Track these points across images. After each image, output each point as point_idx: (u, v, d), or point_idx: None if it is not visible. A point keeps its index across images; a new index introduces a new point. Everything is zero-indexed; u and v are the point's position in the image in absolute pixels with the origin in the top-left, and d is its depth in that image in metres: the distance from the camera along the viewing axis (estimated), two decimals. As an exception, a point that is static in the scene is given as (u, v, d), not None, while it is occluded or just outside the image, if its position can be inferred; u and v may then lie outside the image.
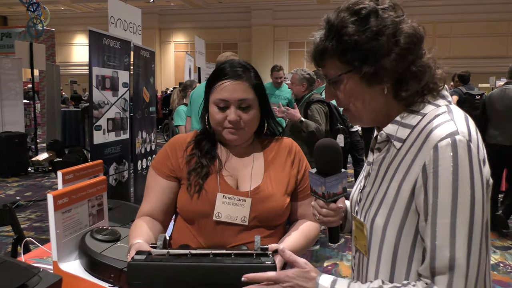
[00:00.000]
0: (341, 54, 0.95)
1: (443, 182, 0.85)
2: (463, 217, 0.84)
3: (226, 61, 1.39)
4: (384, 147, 1.02)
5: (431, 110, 0.95)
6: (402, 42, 0.92)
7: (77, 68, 21.93)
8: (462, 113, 0.94)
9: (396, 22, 0.93)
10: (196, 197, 1.31)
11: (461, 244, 0.84)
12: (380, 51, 0.92)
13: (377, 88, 0.96)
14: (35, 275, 1.51)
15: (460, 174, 0.84)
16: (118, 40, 4.40)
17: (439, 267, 0.85)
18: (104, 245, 1.74)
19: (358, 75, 0.95)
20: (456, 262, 0.84)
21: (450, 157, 0.85)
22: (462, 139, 0.86)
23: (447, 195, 0.85)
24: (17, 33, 11.12)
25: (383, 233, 0.96)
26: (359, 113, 1.01)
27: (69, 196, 1.75)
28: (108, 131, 4.27)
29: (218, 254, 1.05)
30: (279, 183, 1.36)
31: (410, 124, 0.96)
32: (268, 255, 1.05)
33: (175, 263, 1.02)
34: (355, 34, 0.93)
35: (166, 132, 12.34)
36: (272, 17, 20.99)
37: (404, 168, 0.93)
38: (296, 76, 4.14)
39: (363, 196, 1.06)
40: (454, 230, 0.84)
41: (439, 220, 0.86)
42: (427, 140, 0.90)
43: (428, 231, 0.88)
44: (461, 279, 0.84)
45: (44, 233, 4.64)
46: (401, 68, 0.93)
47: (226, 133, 1.33)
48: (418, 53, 0.94)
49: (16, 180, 7.49)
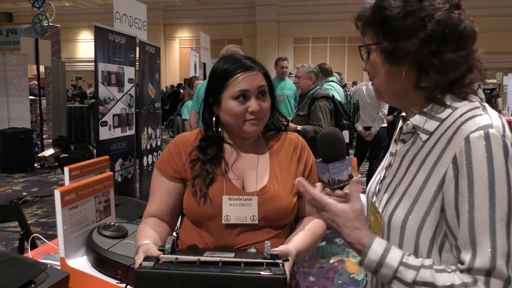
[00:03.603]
0: (374, 25, 0.97)
1: (478, 175, 0.83)
2: (502, 212, 0.82)
3: (228, 57, 1.36)
4: (409, 139, 1.00)
5: (463, 104, 0.93)
6: (429, 28, 0.90)
7: (83, 64, 21.99)
8: (495, 111, 0.92)
9: (435, 8, 0.91)
10: (202, 202, 1.29)
11: (501, 243, 0.81)
12: (404, 31, 0.91)
13: (396, 69, 0.95)
14: (43, 271, 1.50)
15: (496, 167, 0.82)
16: (123, 35, 4.39)
17: (479, 266, 0.82)
18: (112, 242, 1.73)
19: (380, 50, 0.96)
20: (497, 263, 0.81)
21: (484, 149, 0.83)
22: (495, 133, 0.84)
23: (483, 188, 0.82)
24: (22, 29, 11.17)
25: (402, 225, 0.93)
26: (379, 89, 1.02)
27: (76, 192, 1.75)
28: (113, 127, 4.27)
29: (227, 263, 1.03)
30: (285, 182, 1.34)
31: (439, 117, 0.93)
32: (278, 264, 1.03)
33: (183, 271, 1.01)
34: (389, 9, 0.93)
35: (171, 128, 12.35)
36: (277, 13, 20.91)
37: (432, 161, 0.91)
38: (303, 69, 4.08)
39: (382, 187, 1.04)
40: (493, 225, 0.81)
41: (476, 215, 0.83)
42: (457, 132, 0.88)
43: (464, 226, 0.84)
44: (500, 280, 0.81)
45: (50, 228, 4.66)
46: (422, 55, 0.91)
47: (248, 126, 1.31)
48: (447, 46, 0.91)
49: (22, 176, 7.52)
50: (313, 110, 3.86)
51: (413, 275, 0.86)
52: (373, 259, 0.90)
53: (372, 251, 0.91)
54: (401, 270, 0.87)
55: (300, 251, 1.23)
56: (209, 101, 1.37)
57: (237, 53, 2.71)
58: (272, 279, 0.98)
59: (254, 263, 1.03)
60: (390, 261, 0.89)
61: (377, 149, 5.30)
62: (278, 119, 1.44)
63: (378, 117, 5.18)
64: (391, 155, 1.07)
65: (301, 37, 20.90)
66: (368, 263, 0.91)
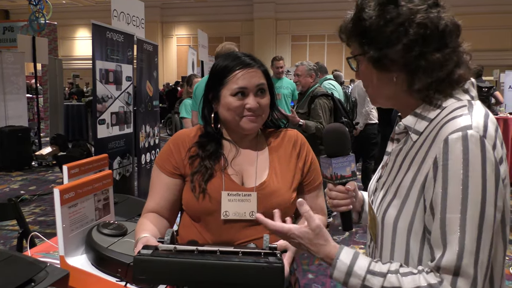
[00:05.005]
0: (357, 36, 0.98)
1: (452, 177, 0.83)
2: (473, 213, 0.82)
3: (228, 54, 1.37)
4: (403, 139, 1.01)
5: (451, 103, 0.93)
6: (411, 33, 0.90)
7: (80, 62, 21.92)
8: (483, 109, 0.92)
9: (412, 12, 0.91)
10: (201, 197, 1.29)
11: (470, 243, 0.82)
12: (386, 39, 0.92)
13: (387, 75, 0.96)
14: (42, 269, 1.50)
15: (471, 170, 0.82)
16: (121, 33, 4.38)
17: (446, 264, 0.83)
18: (111, 240, 1.73)
19: (367, 59, 0.97)
20: (463, 262, 0.82)
21: (460, 151, 0.83)
22: (474, 134, 0.84)
23: (456, 190, 0.83)
24: (19, 27, 11.10)
25: (394, 224, 0.95)
26: (373, 95, 1.04)
27: (76, 190, 1.74)
28: (111, 125, 4.26)
29: (225, 252, 1.04)
30: (284, 178, 1.35)
31: (429, 117, 0.94)
32: (276, 254, 1.04)
33: (181, 259, 1.01)
34: (368, 19, 0.93)
35: (169, 126, 12.32)
36: (275, 10, 20.87)
37: (418, 161, 0.92)
38: (303, 67, 4.09)
39: (378, 186, 1.06)
40: (463, 227, 0.82)
41: (448, 215, 0.84)
42: (439, 133, 0.88)
43: (436, 226, 0.86)
44: (466, 280, 0.82)
45: (48, 227, 4.65)
46: (409, 59, 0.91)
47: (245, 122, 1.31)
48: (431, 47, 0.91)
49: (20, 174, 7.50)
50: (313, 108, 3.87)
51: (381, 282, 0.88)
52: (341, 270, 0.93)
53: (340, 262, 0.93)
54: (369, 278, 0.89)
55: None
56: (209, 97, 1.37)
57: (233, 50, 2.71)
58: (269, 267, 0.98)
59: (252, 252, 1.04)
60: (357, 270, 0.91)
61: (367, 145, 5.32)
62: (277, 116, 1.44)
63: (363, 113, 5.20)
64: (387, 154, 1.08)
65: (299, 34, 20.88)
66: (337, 274, 0.93)
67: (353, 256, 0.93)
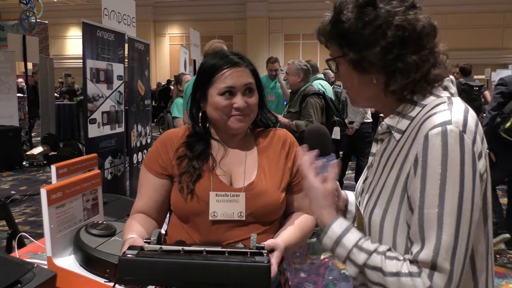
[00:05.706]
0: (336, 38, 0.98)
1: (431, 172, 0.84)
2: (451, 209, 0.83)
3: (216, 53, 1.36)
4: (386, 138, 1.02)
5: (431, 101, 0.94)
6: (389, 35, 0.90)
7: (71, 61, 21.75)
8: (462, 105, 0.93)
9: (391, 14, 0.91)
10: (189, 198, 1.28)
11: (447, 238, 0.83)
12: (365, 41, 0.92)
13: (366, 77, 0.96)
14: (29, 271, 1.49)
15: (449, 165, 0.83)
16: (112, 32, 4.34)
17: (423, 258, 0.84)
18: (99, 240, 1.72)
19: (347, 61, 0.97)
20: (439, 257, 0.82)
21: (440, 146, 0.84)
22: (453, 129, 0.84)
23: (434, 185, 0.84)
24: (9, 25, 10.99)
25: (381, 224, 0.95)
26: (354, 96, 1.05)
27: (63, 190, 1.73)
28: (103, 124, 4.23)
29: (212, 252, 1.03)
30: (273, 178, 1.34)
31: (410, 116, 0.95)
32: (262, 254, 1.03)
33: (166, 259, 1.00)
34: (347, 22, 0.93)
35: (162, 125, 12.28)
36: (267, 9, 20.85)
37: (401, 160, 0.93)
38: (292, 66, 4.13)
39: (365, 187, 1.06)
40: (441, 222, 0.83)
41: (426, 211, 0.84)
42: (420, 130, 0.89)
43: (414, 220, 0.86)
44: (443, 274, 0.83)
45: (39, 227, 4.61)
46: (387, 61, 0.92)
47: (233, 122, 1.30)
48: (409, 48, 0.92)
49: (10, 174, 7.44)
50: (304, 106, 3.87)
51: (364, 258, 0.90)
52: (331, 237, 0.95)
53: (331, 230, 0.96)
54: (355, 252, 0.92)
55: (288, 245, 1.23)
56: (196, 96, 1.36)
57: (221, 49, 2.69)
58: (255, 266, 0.98)
59: (238, 252, 1.04)
60: (345, 242, 0.93)
61: (362, 144, 5.34)
62: (266, 116, 1.43)
63: (360, 111, 5.21)
64: (371, 155, 1.09)
65: (292, 33, 20.87)
66: (326, 240, 0.96)
67: (346, 228, 0.96)
